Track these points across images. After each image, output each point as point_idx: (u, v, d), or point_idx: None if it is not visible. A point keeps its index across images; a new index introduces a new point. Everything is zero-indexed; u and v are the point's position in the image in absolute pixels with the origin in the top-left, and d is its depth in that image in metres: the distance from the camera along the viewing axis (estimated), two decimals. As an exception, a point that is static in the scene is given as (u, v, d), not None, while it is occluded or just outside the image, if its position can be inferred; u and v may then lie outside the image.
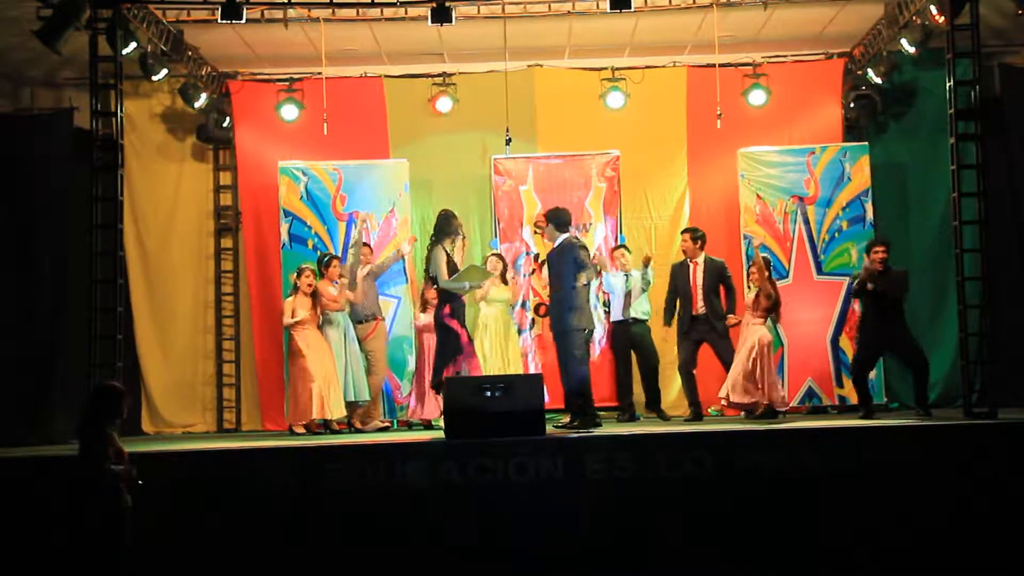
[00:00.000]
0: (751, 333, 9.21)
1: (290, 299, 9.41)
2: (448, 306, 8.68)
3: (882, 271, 8.83)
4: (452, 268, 8.70)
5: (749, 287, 9.63)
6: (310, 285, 9.30)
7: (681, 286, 9.56)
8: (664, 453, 7.15)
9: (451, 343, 8.62)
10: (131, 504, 5.79)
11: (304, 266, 9.52)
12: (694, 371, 9.48)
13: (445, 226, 8.84)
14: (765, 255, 9.75)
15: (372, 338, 9.74)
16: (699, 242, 9.61)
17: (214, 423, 11.07)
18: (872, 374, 9.51)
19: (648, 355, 9.83)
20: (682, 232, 9.87)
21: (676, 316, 9.64)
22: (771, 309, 9.26)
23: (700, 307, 9.43)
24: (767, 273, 9.36)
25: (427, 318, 9.56)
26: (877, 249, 8.93)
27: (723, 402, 9.37)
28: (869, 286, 8.83)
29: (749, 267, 9.70)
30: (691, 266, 9.57)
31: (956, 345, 8.93)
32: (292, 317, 9.23)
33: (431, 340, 9.24)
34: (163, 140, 11.17)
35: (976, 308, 8.48)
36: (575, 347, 8.25)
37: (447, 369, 8.56)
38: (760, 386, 9.08)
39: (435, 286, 8.80)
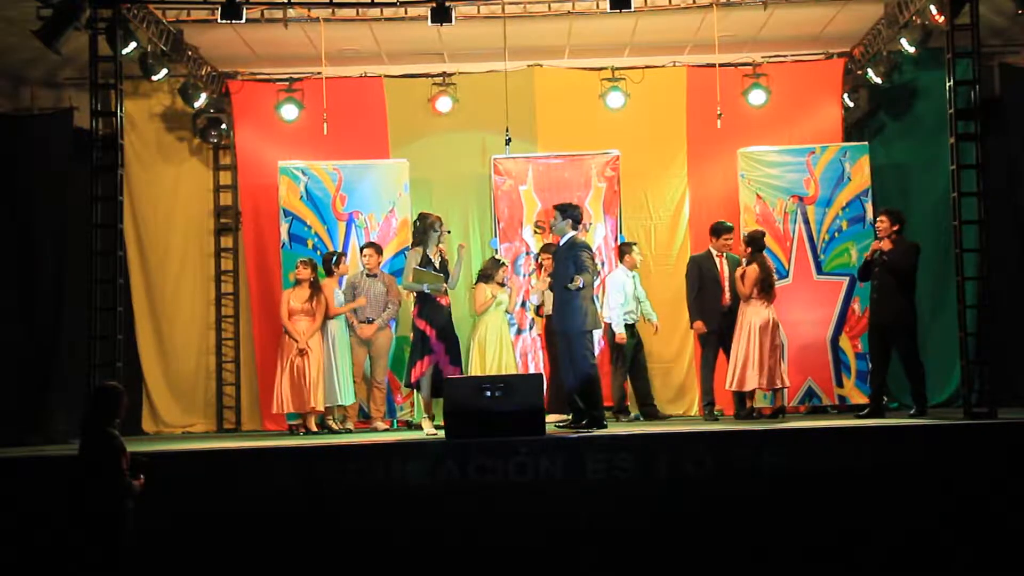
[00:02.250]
0: (747, 317, 9.26)
1: (286, 291, 9.54)
2: (417, 307, 8.75)
3: (891, 246, 8.88)
4: (445, 270, 8.73)
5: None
6: (304, 277, 9.43)
7: (709, 279, 9.58)
8: (664, 453, 7.16)
9: (419, 343, 8.65)
10: (131, 504, 5.79)
11: (300, 260, 9.65)
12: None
13: (431, 229, 8.80)
14: (761, 229, 9.84)
15: (375, 339, 9.80)
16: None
17: (214, 423, 11.06)
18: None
19: (643, 355, 9.93)
20: (720, 226, 9.82)
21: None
22: (766, 287, 9.27)
23: (728, 299, 9.50)
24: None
25: None
26: (881, 218, 9.07)
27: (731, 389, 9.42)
28: (868, 255, 8.98)
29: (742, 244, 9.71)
30: (717, 259, 9.62)
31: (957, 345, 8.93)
32: (286, 309, 9.43)
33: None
34: (163, 140, 11.15)
35: (976, 308, 8.48)
36: (584, 349, 8.22)
37: (415, 369, 8.60)
38: (762, 370, 9.13)
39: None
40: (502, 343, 9.80)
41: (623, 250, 10.03)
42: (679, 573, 6.95)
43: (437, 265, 8.69)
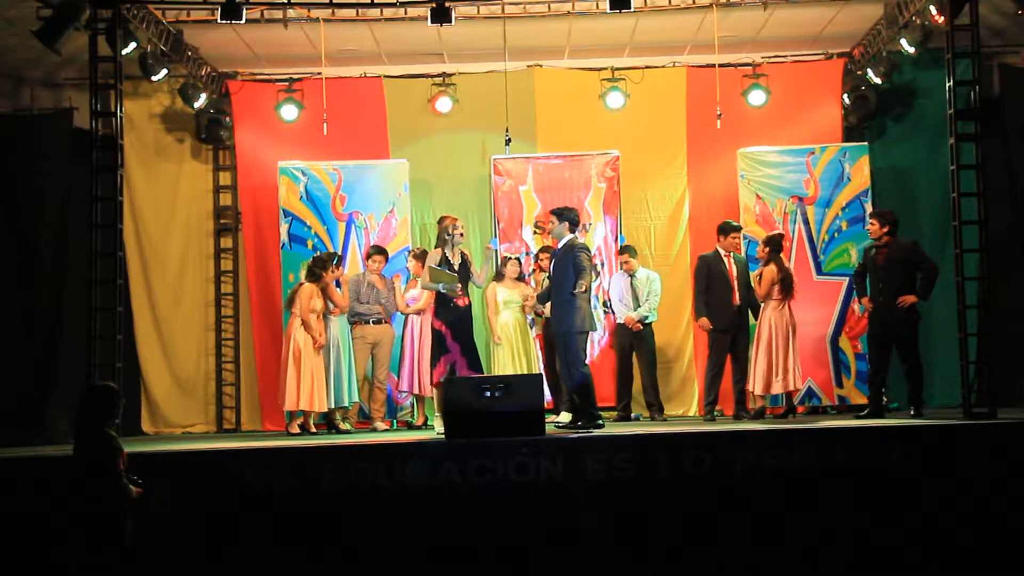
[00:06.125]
0: (766, 318, 9.24)
1: (309, 287, 9.25)
2: (434, 307, 8.76)
3: (882, 245, 8.87)
4: (465, 271, 8.70)
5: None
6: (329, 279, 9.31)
7: (717, 277, 9.53)
8: (664, 453, 7.15)
9: (437, 344, 8.66)
10: (130, 509, 5.79)
11: (324, 258, 9.51)
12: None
13: (445, 232, 8.80)
14: (780, 231, 9.85)
15: (382, 340, 9.83)
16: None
17: (214, 423, 11.08)
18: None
19: (651, 356, 9.90)
20: (728, 225, 9.79)
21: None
22: (785, 287, 9.24)
23: (738, 299, 9.47)
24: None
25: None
26: (872, 221, 9.07)
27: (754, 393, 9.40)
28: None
29: (759, 244, 9.68)
30: (725, 258, 9.60)
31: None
32: (307, 306, 9.17)
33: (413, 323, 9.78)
34: (163, 140, 11.17)
35: (976, 308, 8.48)
36: (578, 348, 8.23)
37: (435, 371, 8.61)
38: (779, 373, 9.12)
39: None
40: (517, 343, 9.57)
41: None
42: (678, 573, 6.95)
43: (456, 267, 8.67)
